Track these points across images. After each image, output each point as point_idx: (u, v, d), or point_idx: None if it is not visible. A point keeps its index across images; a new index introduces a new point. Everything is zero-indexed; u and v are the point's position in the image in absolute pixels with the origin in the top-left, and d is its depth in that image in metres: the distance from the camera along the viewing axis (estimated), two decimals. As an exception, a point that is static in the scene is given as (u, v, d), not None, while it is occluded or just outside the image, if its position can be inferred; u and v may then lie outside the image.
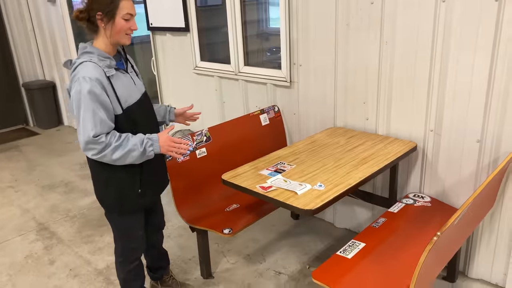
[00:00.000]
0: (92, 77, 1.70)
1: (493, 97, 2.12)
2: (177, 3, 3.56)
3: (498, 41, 2.04)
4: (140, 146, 1.77)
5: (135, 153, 1.77)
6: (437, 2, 2.18)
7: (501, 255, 2.34)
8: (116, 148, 1.74)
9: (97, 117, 1.70)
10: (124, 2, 1.77)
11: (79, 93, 1.70)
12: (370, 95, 2.61)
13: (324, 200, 1.84)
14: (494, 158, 2.22)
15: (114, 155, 1.74)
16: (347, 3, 2.52)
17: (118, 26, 1.78)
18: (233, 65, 3.36)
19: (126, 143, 1.75)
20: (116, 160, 1.76)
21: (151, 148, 1.80)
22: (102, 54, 1.81)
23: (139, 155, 1.78)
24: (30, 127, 6.00)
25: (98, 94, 1.71)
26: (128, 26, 1.80)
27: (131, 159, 1.78)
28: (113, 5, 1.76)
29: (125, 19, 1.78)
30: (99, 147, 1.71)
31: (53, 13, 5.21)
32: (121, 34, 1.80)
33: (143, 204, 2.02)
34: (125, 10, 1.77)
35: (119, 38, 1.82)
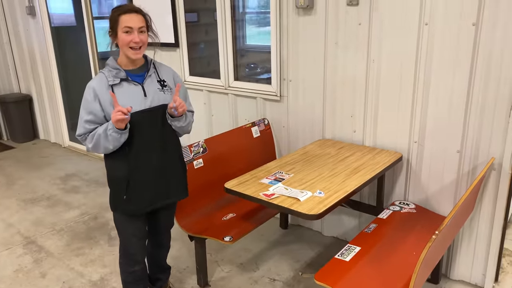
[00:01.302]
0: (90, 86, 1.92)
1: (471, 110, 2.34)
2: (168, 19, 3.66)
3: (475, 60, 2.26)
4: (103, 131, 1.91)
5: (101, 139, 1.91)
6: (420, 24, 2.40)
7: (480, 257, 2.54)
8: (90, 137, 1.94)
9: (82, 119, 1.94)
10: (123, 16, 1.88)
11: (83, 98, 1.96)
12: (357, 108, 2.79)
13: (326, 205, 1.97)
14: (473, 166, 2.43)
15: (88, 145, 1.96)
16: (336, 23, 2.71)
17: (120, 40, 1.90)
18: (223, 80, 3.48)
19: (96, 132, 1.93)
20: (93, 149, 1.95)
21: (110, 127, 1.89)
22: (114, 66, 1.96)
23: (102, 134, 1.90)
24: (3, 140, 5.85)
25: (89, 100, 1.91)
26: (129, 39, 1.88)
27: (102, 142, 1.91)
28: (114, 20, 1.89)
29: (124, 32, 1.88)
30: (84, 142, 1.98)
31: (33, 26, 5.18)
32: (125, 48, 1.90)
33: (132, 211, 2.08)
34: (123, 24, 1.87)
35: (126, 52, 1.92)
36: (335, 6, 2.68)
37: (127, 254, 2.21)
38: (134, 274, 2.24)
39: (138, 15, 1.92)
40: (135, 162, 2.00)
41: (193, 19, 3.75)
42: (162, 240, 2.37)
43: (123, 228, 2.17)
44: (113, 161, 2.02)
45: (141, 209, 2.09)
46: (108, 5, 6.55)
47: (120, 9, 1.90)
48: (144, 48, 1.97)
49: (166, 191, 2.13)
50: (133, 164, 2.00)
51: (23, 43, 5.43)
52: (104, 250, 3.10)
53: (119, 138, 1.90)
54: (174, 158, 2.13)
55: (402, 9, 2.43)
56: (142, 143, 1.99)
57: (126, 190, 2.02)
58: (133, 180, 2.02)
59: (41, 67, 5.33)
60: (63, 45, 5.21)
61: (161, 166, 2.07)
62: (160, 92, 2.04)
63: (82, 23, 4.64)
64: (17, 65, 5.69)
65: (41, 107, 5.64)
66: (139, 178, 2.02)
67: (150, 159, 2.03)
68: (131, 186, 2.02)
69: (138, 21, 1.91)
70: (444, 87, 2.40)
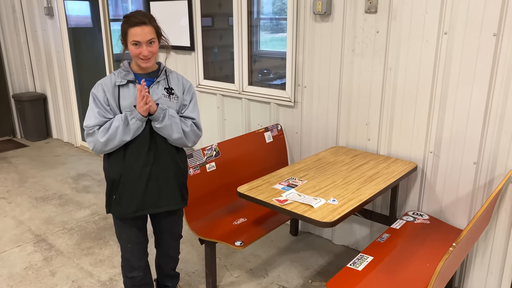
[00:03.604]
0: (99, 82, 1.97)
1: (490, 122, 2.31)
2: (184, 23, 3.68)
3: (495, 71, 2.23)
4: (122, 119, 1.90)
5: (120, 128, 1.89)
6: (440, 33, 2.37)
7: (495, 271, 2.49)
8: (103, 130, 1.91)
9: (93, 111, 1.93)
10: (131, 29, 1.88)
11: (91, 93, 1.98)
12: (372, 117, 2.76)
13: (340, 213, 1.95)
14: (489, 179, 2.39)
15: (101, 138, 1.90)
16: (354, 30, 2.70)
17: (130, 51, 1.94)
18: (237, 84, 3.48)
19: (111, 123, 1.91)
20: (106, 142, 1.90)
21: (132, 116, 1.89)
22: (125, 68, 2.01)
23: (122, 126, 1.89)
24: (17, 138, 5.92)
25: (98, 95, 1.94)
26: (138, 52, 1.90)
27: (119, 136, 1.90)
28: (124, 31, 1.93)
29: (133, 45, 1.90)
30: (94, 136, 1.92)
31: (50, 26, 5.24)
32: (135, 58, 1.95)
33: (120, 213, 2.06)
34: (132, 37, 1.89)
35: (136, 61, 1.97)
36: (353, 13, 2.67)
37: (123, 257, 2.22)
38: (132, 280, 2.23)
39: (147, 27, 1.88)
40: (127, 164, 1.99)
41: (208, 23, 3.77)
42: (167, 250, 2.33)
43: (119, 233, 2.17)
44: (109, 161, 2.02)
45: (128, 213, 2.04)
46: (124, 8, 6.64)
47: (129, 21, 1.88)
48: (155, 57, 1.97)
49: (156, 199, 2.06)
50: (125, 165, 1.99)
51: (40, 43, 5.50)
52: (114, 250, 3.10)
53: (140, 127, 1.93)
54: (168, 166, 2.05)
55: (421, 17, 2.42)
56: (135, 145, 1.97)
57: (116, 191, 2.03)
58: (123, 181, 2.01)
59: (56, 67, 5.39)
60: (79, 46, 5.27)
61: (152, 172, 2.01)
62: (165, 99, 2.01)
63: (99, 25, 4.69)
64: (33, 65, 5.77)
65: (55, 106, 5.70)
66: (129, 180, 2.00)
67: (140, 163, 1.99)
68: (120, 187, 2.02)
69: (147, 34, 1.88)
70: (462, 97, 2.37)
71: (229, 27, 3.48)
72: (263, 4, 3.46)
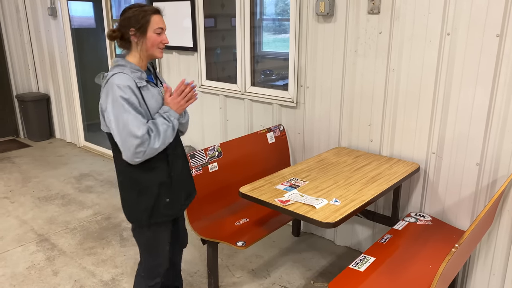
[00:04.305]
0: (125, 84, 1.77)
1: (493, 123, 2.30)
2: (187, 23, 3.69)
3: (498, 72, 2.23)
4: (167, 121, 1.84)
5: (169, 131, 1.84)
6: (442, 34, 2.37)
7: (497, 273, 2.48)
8: (155, 137, 1.80)
9: (138, 119, 1.76)
10: (154, 16, 1.84)
11: (115, 101, 1.75)
12: (375, 117, 2.76)
13: (342, 214, 1.95)
14: (492, 180, 2.38)
15: (155, 144, 1.79)
16: (356, 31, 2.70)
17: (151, 40, 1.85)
18: (240, 85, 3.48)
19: (158, 127, 1.82)
20: (158, 148, 1.81)
21: (173, 117, 1.86)
22: (134, 67, 1.86)
23: (171, 130, 1.85)
24: (20, 138, 5.94)
25: (132, 99, 1.77)
26: (160, 40, 1.87)
27: (168, 139, 1.85)
28: (145, 20, 1.83)
29: (157, 33, 1.86)
30: (146, 144, 1.77)
31: (53, 27, 5.26)
32: (154, 48, 1.88)
33: (171, 215, 2.01)
34: (156, 25, 1.84)
35: (153, 52, 1.89)
36: (356, 14, 2.67)
37: (153, 266, 2.08)
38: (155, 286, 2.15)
39: (162, 17, 1.93)
40: (173, 162, 1.96)
41: (211, 24, 3.78)
42: (183, 240, 2.31)
43: (154, 242, 2.03)
44: (150, 166, 1.89)
45: (178, 212, 2.04)
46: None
47: (150, 9, 1.85)
48: None
49: (190, 189, 2.14)
50: (172, 165, 1.96)
51: (44, 44, 5.52)
52: (116, 250, 3.11)
53: (177, 126, 1.90)
54: (185, 156, 2.12)
55: (424, 18, 2.41)
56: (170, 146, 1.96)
57: (169, 193, 1.96)
58: (174, 181, 1.98)
59: (60, 67, 5.41)
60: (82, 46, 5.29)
61: (185, 164, 2.08)
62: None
63: (102, 25, 4.70)
64: (36, 65, 5.79)
65: (58, 106, 5.72)
66: (178, 178, 2.00)
67: (179, 158, 2.01)
68: (173, 188, 1.98)
69: (164, 22, 1.92)
70: (465, 98, 2.37)
71: (232, 28, 3.49)
72: (265, 5, 3.46)
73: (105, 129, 1.87)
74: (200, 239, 2.54)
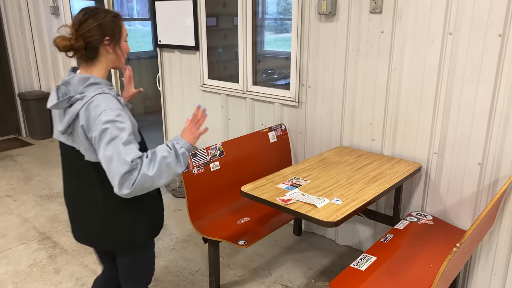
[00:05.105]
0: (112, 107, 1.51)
1: (495, 123, 2.30)
2: (189, 22, 3.69)
3: (500, 72, 2.22)
4: (170, 149, 1.56)
5: (169, 159, 1.53)
6: (445, 34, 2.37)
7: (498, 273, 2.48)
8: (149, 163, 1.50)
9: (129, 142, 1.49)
10: (123, 23, 1.67)
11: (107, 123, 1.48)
12: (377, 117, 2.76)
13: (344, 213, 1.95)
14: (494, 180, 2.38)
15: (149, 171, 1.48)
16: (358, 30, 2.70)
17: (123, 49, 1.67)
18: (241, 84, 3.49)
19: (155, 155, 1.53)
20: (153, 177, 1.49)
21: (180, 145, 1.59)
22: (108, 84, 1.62)
23: (174, 160, 1.55)
24: (22, 137, 5.95)
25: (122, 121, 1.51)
26: (127, 48, 1.70)
27: (169, 171, 1.54)
28: (118, 28, 1.63)
29: (125, 41, 1.69)
30: (135, 172, 1.47)
31: (56, 26, 5.27)
32: (123, 58, 1.69)
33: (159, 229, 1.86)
34: (125, 32, 1.69)
35: (120, 62, 1.69)
36: (358, 13, 2.67)
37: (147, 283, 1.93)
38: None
39: None
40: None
41: (213, 23, 3.78)
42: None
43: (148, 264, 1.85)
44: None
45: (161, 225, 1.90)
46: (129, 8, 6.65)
47: (116, 14, 1.65)
48: None
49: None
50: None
51: (46, 42, 5.53)
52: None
53: (184, 157, 1.60)
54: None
55: (426, 18, 2.41)
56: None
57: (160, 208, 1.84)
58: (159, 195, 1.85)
59: (62, 66, 5.42)
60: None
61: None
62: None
63: (104, 24, 4.71)
64: (38, 63, 5.80)
65: (60, 105, 5.72)
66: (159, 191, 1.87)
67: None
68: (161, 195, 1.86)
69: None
70: (467, 98, 2.37)
71: (234, 27, 3.49)
72: (267, 4, 3.46)
73: (94, 158, 1.58)
74: (202, 237, 2.54)
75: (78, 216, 1.73)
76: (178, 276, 2.79)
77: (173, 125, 4.24)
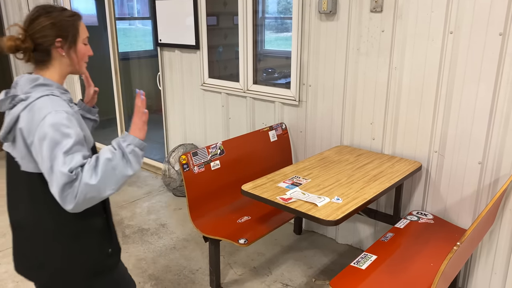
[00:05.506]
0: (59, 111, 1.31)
1: (495, 122, 2.30)
2: (189, 21, 3.69)
3: (501, 70, 2.22)
4: (114, 149, 1.34)
5: (114, 161, 1.31)
6: (445, 33, 2.37)
7: (499, 272, 2.48)
8: (91, 170, 1.28)
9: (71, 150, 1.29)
10: (82, 24, 1.48)
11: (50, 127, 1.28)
12: (377, 116, 2.76)
13: (344, 212, 1.95)
14: (494, 179, 2.38)
15: (91, 179, 1.27)
16: (359, 29, 2.70)
17: (80, 53, 1.47)
18: (242, 83, 3.49)
19: (98, 159, 1.31)
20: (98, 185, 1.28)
21: (127, 143, 1.35)
22: (61, 87, 1.42)
23: (120, 161, 1.32)
24: (23, 136, 5.95)
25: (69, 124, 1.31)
26: (87, 52, 1.50)
27: (116, 175, 1.31)
28: (74, 27, 1.44)
29: (84, 44, 1.49)
30: (76, 183, 1.26)
31: (56, 25, 5.27)
32: (82, 63, 1.49)
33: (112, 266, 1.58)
34: (84, 33, 1.48)
35: (80, 68, 1.49)
36: (359, 12, 2.67)
37: None
38: None
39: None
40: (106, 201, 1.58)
41: (213, 22, 3.78)
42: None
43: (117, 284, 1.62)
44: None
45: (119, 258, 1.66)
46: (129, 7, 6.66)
47: (74, 13, 1.46)
48: None
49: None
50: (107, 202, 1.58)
51: (46, 41, 5.53)
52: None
53: (142, 155, 1.40)
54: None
55: (427, 16, 2.41)
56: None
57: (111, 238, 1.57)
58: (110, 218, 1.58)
59: (62, 65, 5.42)
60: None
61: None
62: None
63: (104, 23, 4.71)
64: (39, 63, 5.81)
65: (61, 104, 5.73)
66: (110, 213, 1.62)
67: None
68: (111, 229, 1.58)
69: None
70: (468, 96, 2.37)
71: (234, 26, 3.49)
72: (268, 3, 3.46)
73: (31, 168, 1.36)
74: (202, 236, 2.55)
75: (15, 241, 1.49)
76: (178, 275, 2.79)
77: (174, 124, 4.24)
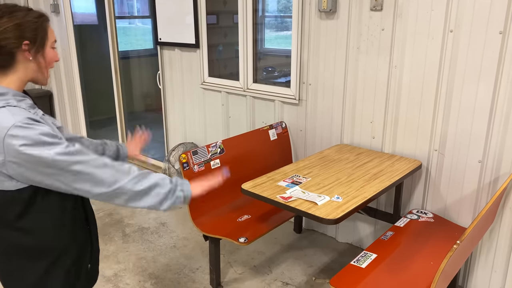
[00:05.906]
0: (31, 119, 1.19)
1: (495, 120, 2.30)
2: (189, 20, 3.69)
3: (501, 69, 2.22)
4: (169, 182, 1.36)
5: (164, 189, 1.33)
6: (445, 31, 2.37)
7: (499, 271, 2.49)
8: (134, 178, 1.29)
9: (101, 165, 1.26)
10: (50, 27, 1.37)
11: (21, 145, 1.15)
12: (377, 115, 2.76)
13: (344, 210, 1.95)
14: (494, 178, 2.38)
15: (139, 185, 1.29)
16: (359, 28, 2.69)
17: (48, 58, 1.34)
18: (242, 82, 3.49)
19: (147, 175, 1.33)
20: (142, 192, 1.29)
21: (181, 188, 1.38)
22: (18, 94, 1.27)
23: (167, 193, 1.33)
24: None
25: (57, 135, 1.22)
26: (56, 57, 1.38)
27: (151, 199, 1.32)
28: (43, 31, 1.33)
29: (52, 48, 1.37)
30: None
31: (56, 23, 5.27)
32: (47, 68, 1.37)
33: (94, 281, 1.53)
34: (53, 37, 1.37)
35: (44, 73, 1.35)
36: (359, 10, 2.67)
37: None
38: None
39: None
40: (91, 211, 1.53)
41: (213, 21, 3.78)
42: None
43: None
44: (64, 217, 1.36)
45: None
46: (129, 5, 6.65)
47: (42, 14, 1.36)
48: None
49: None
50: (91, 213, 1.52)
51: (46, 40, 5.52)
52: (118, 246, 3.12)
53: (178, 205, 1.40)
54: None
55: (427, 15, 2.41)
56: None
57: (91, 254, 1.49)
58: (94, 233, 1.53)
59: (62, 64, 5.42)
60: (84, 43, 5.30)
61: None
62: None
63: (104, 22, 4.71)
64: (39, 62, 5.80)
65: (61, 103, 5.73)
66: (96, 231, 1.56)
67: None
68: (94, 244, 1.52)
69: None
70: (468, 95, 2.37)
71: (234, 24, 3.49)
72: (268, 2, 3.46)
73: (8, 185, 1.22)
74: (202, 235, 2.55)
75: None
76: (178, 274, 2.80)
77: (174, 123, 4.24)
